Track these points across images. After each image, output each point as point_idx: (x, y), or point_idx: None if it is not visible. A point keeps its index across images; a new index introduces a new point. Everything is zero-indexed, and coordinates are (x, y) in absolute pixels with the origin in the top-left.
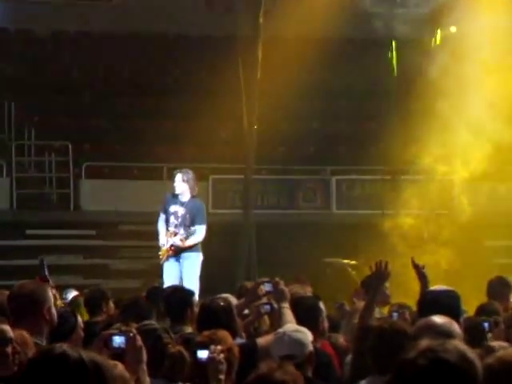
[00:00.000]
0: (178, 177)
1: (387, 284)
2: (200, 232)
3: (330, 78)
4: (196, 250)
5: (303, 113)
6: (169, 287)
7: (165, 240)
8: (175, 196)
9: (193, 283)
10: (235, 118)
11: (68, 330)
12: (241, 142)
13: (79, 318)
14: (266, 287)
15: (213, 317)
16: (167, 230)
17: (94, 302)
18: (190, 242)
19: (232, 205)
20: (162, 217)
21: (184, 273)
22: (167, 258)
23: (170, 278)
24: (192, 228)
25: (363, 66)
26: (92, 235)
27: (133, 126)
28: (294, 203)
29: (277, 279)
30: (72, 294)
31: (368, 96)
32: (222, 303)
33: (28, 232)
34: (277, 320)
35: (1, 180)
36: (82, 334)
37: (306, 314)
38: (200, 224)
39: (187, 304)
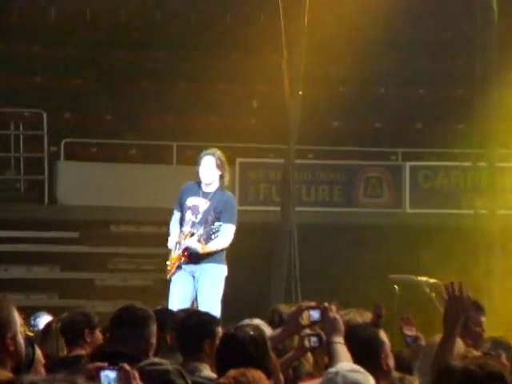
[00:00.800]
0: (209, 160)
1: (483, 318)
2: (227, 233)
3: (404, 26)
4: (218, 261)
5: (366, 74)
6: (181, 311)
7: (175, 243)
8: (196, 185)
9: (212, 307)
10: (272, 81)
11: (23, 367)
12: (280, 114)
13: (38, 351)
14: (312, 314)
15: (239, 351)
16: (181, 231)
17: (74, 329)
18: (212, 246)
19: (266, 199)
20: (177, 215)
21: (200, 292)
22: (177, 269)
23: (178, 298)
24: (216, 224)
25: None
26: (73, 239)
27: (132, 88)
28: (351, 198)
29: (327, 304)
30: (44, 318)
31: (457, 51)
32: (251, 333)
33: None
34: (325, 358)
35: None
36: (42, 371)
37: (363, 348)
38: (228, 222)
39: (207, 334)
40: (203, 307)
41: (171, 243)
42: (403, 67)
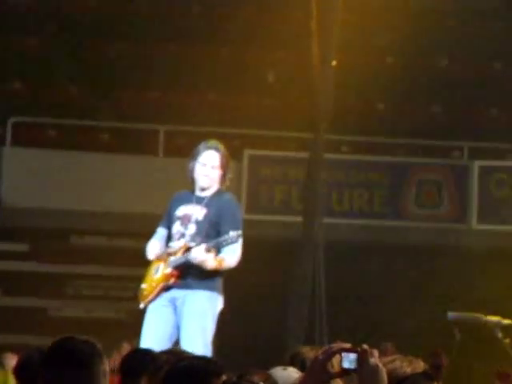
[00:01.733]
0: (213, 158)
1: None
2: (238, 246)
3: None
4: (212, 288)
5: (423, 41)
6: (167, 352)
7: (161, 254)
8: (190, 193)
9: (200, 348)
10: (295, 46)
11: None
12: (305, 91)
13: None
14: (346, 360)
15: None
16: (167, 246)
17: (31, 372)
18: (228, 260)
19: (284, 207)
20: (161, 232)
21: (184, 326)
22: (157, 295)
23: (156, 335)
24: (231, 233)
25: None
26: (21, 253)
27: (105, 49)
28: (397, 209)
29: (365, 347)
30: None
31: None
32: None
33: None
34: None
35: None
36: None
37: None
38: (235, 230)
39: None
40: (187, 347)
41: (152, 254)
42: (472, 33)
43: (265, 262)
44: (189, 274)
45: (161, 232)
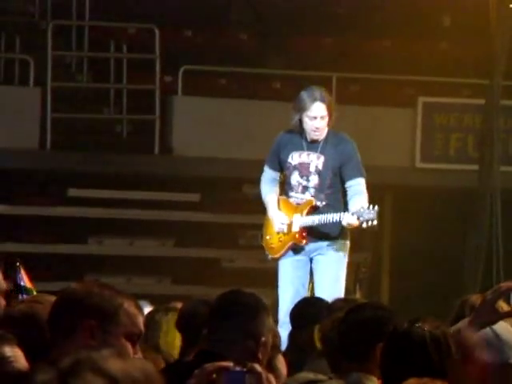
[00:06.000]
0: (321, 109)
1: None
2: (362, 191)
3: None
4: (342, 236)
5: None
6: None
7: (280, 215)
8: (296, 136)
9: (336, 295)
10: None
11: None
12: (482, 36)
13: None
14: None
15: (415, 355)
16: (289, 196)
17: (196, 325)
18: (357, 205)
19: (460, 155)
20: (270, 174)
21: (321, 276)
22: (287, 250)
23: (294, 288)
24: (371, 208)
25: None
26: (193, 203)
27: None
28: None
29: None
30: (146, 310)
31: None
32: (431, 330)
33: None
34: None
35: None
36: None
37: None
38: (358, 176)
39: (381, 337)
40: (324, 296)
41: (273, 212)
42: None
43: (440, 211)
44: (319, 229)
45: (270, 174)
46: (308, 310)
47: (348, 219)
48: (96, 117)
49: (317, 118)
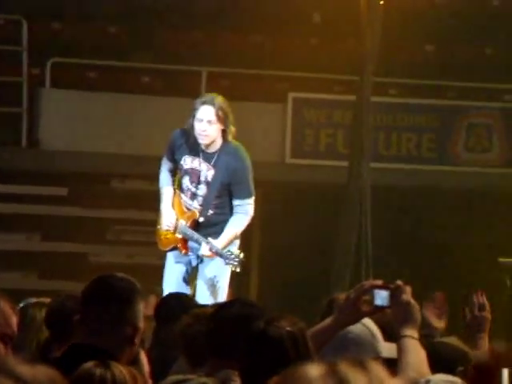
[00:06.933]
0: (207, 111)
1: None
2: (247, 211)
3: None
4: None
5: None
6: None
7: (170, 215)
8: (192, 138)
9: (218, 296)
10: None
11: None
12: (352, 32)
13: None
14: (378, 297)
15: (273, 352)
16: (181, 191)
17: (63, 320)
18: (230, 232)
19: (329, 151)
20: (168, 165)
21: (203, 282)
22: (171, 249)
23: (178, 282)
24: (235, 252)
25: None
26: (60, 197)
27: None
28: (447, 153)
29: (399, 282)
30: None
31: None
32: (288, 328)
33: None
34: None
35: None
36: None
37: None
38: (245, 198)
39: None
40: (203, 299)
41: (166, 208)
42: None
43: (310, 207)
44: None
45: (169, 165)
46: (173, 305)
47: (208, 252)
48: None
49: (203, 120)
